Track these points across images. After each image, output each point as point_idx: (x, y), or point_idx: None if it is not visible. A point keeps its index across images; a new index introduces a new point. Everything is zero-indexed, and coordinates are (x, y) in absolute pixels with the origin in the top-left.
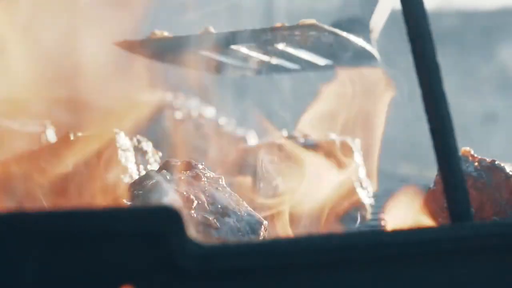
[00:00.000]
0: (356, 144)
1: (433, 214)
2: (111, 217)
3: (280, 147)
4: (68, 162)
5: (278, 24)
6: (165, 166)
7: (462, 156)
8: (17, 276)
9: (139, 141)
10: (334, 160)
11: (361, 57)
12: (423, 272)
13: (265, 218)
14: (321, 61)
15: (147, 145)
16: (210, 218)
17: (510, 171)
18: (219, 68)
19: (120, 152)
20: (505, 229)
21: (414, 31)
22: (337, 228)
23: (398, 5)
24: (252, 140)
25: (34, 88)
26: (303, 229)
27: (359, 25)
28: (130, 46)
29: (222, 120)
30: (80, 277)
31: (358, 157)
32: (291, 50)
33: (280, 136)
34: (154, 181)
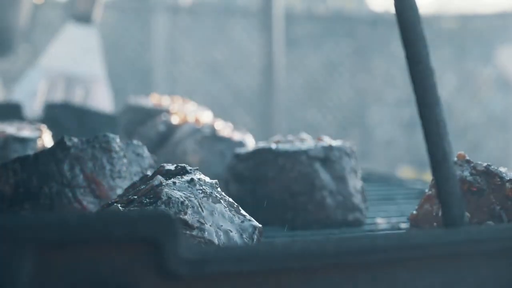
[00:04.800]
0: (350, 147)
1: (428, 219)
2: (105, 222)
3: None
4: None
5: None
6: (160, 171)
7: (458, 161)
8: (9, 283)
9: (134, 146)
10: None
11: None
12: (418, 276)
13: None
14: None
15: (143, 150)
16: (204, 223)
17: (505, 175)
18: None
19: (115, 156)
20: (499, 233)
21: (408, 36)
22: (332, 232)
23: (392, 10)
24: (250, 143)
25: None
26: None
27: None
28: None
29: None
30: (73, 283)
31: (352, 160)
32: None
33: (276, 139)
34: (149, 185)
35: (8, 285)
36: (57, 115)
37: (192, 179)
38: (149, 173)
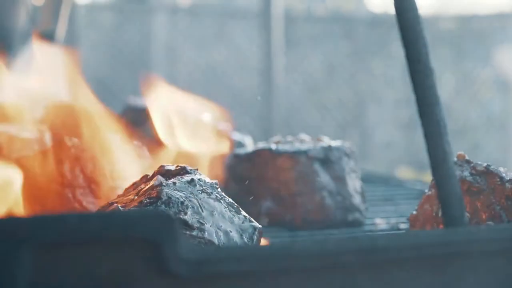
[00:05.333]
0: (349, 148)
1: (428, 219)
2: (104, 222)
3: None
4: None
5: None
6: (160, 171)
7: (457, 161)
8: (8, 282)
9: (134, 146)
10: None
11: None
12: (418, 276)
13: None
14: None
15: (143, 150)
16: (204, 223)
17: (505, 175)
18: None
19: (115, 156)
20: (499, 234)
21: (408, 36)
22: (332, 232)
23: (392, 10)
24: (249, 144)
25: None
26: None
27: None
28: None
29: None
30: (72, 283)
31: (351, 161)
32: None
33: (275, 140)
34: (149, 185)
35: (8, 285)
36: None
37: (192, 179)
38: (149, 173)
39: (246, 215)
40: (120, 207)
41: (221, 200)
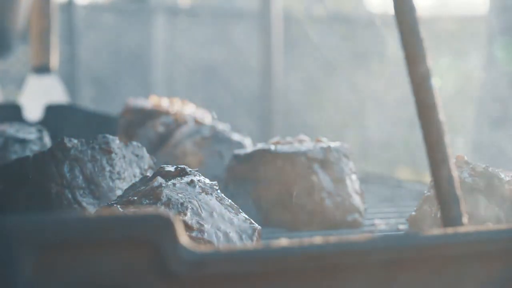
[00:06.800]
0: (348, 149)
1: (427, 220)
2: (104, 223)
3: None
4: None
5: None
6: (160, 172)
7: (456, 162)
8: (8, 283)
9: (134, 147)
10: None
11: None
12: (417, 277)
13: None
14: None
15: (142, 151)
16: (204, 224)
17: (504, 176)
18: None
19: (115, 157)
20: (498, 235)
21: (407, 37)
22: (331, 233)
23: (391, 11)
24: (248, 145)
25: None
26: None
27: None
28: None
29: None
30: (72, 284)
31: (351, 162)
32: None
33: (275, 141)
34: (148, 187)
35: (8, 285)
36: (57, 117)
37: (192, 181)
38: (149, 174)
39: (246, 216)
40: (120, 208)
41: (220, 201)
